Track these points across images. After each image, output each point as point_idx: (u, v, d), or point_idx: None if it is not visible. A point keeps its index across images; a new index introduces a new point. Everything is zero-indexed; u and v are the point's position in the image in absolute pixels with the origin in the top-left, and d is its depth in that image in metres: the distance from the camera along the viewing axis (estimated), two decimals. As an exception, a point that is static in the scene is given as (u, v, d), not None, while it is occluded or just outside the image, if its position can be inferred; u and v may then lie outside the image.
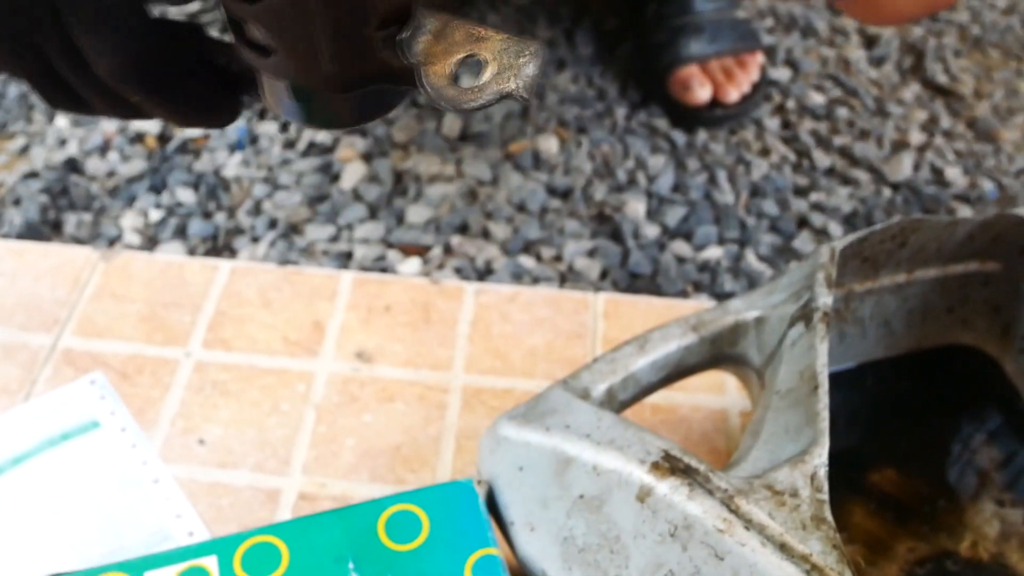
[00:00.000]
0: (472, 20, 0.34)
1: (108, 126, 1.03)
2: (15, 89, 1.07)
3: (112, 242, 0.91)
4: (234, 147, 1.00)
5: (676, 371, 0.64)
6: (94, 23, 0.40)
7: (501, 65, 0.32)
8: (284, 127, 1.02)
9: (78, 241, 0.91)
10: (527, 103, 0.32)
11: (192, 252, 0.90)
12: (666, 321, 0.63)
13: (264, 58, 0.37)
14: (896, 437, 0.71)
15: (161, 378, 0.74)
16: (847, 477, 0.67)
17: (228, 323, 0.78)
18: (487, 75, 0.32)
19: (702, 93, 1.02)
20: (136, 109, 0.45)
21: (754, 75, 1.05)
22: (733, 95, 1.02)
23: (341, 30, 0.34)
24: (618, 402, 0.61)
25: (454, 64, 0.33)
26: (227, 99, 0.46)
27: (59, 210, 0.94)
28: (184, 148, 1.00)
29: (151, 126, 1.02)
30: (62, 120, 1.04)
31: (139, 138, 1.02)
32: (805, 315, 0.59)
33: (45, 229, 0.92)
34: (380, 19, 0.34)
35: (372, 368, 0.75)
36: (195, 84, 0.43)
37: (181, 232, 0.92)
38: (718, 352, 0.64)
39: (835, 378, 0.72)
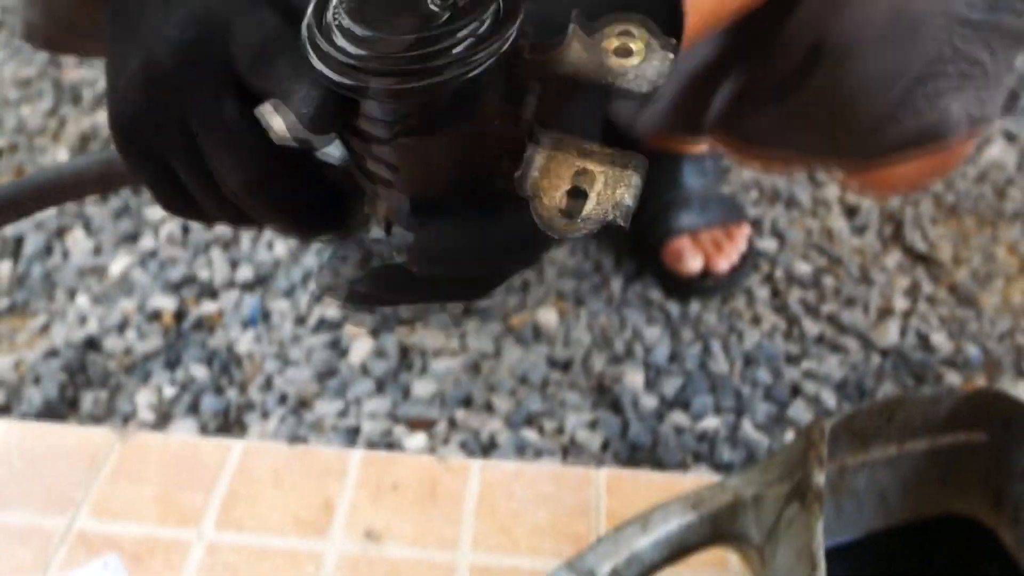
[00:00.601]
0: (575, 143, 0.37)
1: (127, 304, 1.07)
2: (39, 267, 1.12)
3: (127, 419, 0.94)
4: (247, 323, 1.04)
5: (678, 549, 0.65)
6: (226, 143, 0.43)
7: (601, 197, 0.36)
8: (296, 303, 1.07)
9: (94, 418, 0.94)
10: (626, 226, 0.36)
11: (204, 428, 0.93)
12: (667, 496, 0.66)
13: (387, 187, 0.40)
14: (898, 610, 0.72)
15: (173, 561, 0.75)
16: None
17: (240, 503, 0.80)
18: (589, 206, 0.35)
19: (694, 263, 1.06)
20: (253, 218, 0.47)
21: (742, 246, 1.10)
22: (723, 265, 1.07)
23: (460, 165, 0.38)
24: (623, 583, 0.63)
25: (560, 198, 0.36)
26: (341, 210, 0.49)
27: (77, 387, 0.98)
28: (199, 324, 1.04)
29: (168, 304, 1.06)
30: (83, 298, 1.08)
31: (156, 315, 1.06)
32: (799, 494, 0.61)
33: (62, 407, 0.95)
34: (492, 153, 0.38)
35: (381, 547, 0.76)
36: (313, 197, 0.46)
37: (194, 408, 0.95)
38: (718, 530, 0.66)
39: (836, 550, 0.73)
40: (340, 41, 0.36)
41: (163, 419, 0.94)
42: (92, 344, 1.02)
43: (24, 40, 0.91)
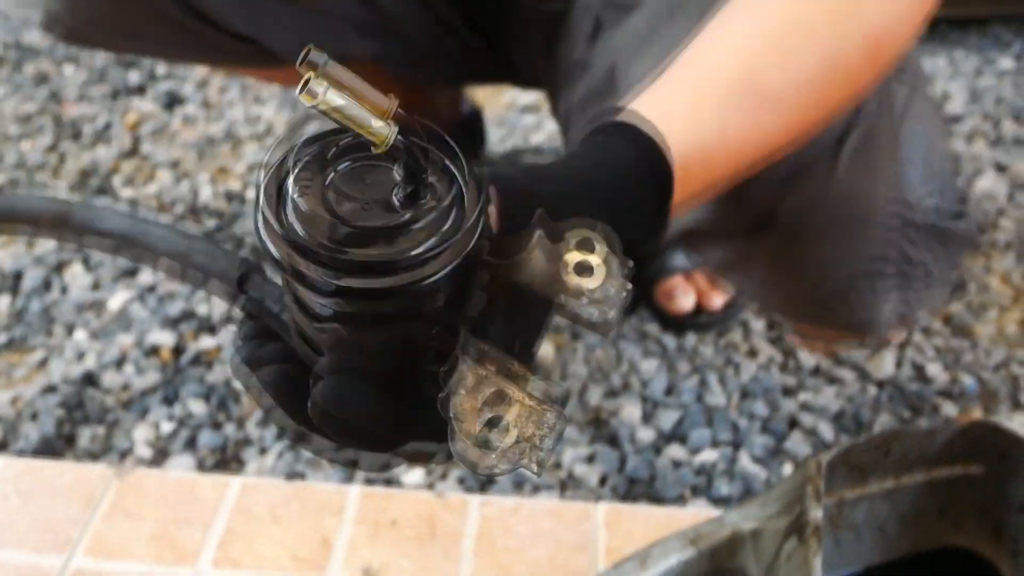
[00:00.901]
0: (504, 378, 0.35)
1: (125, 339, 1.07)
2: (37, 303, 1.12)
3: (124, 455, 0.94)
4: (244, 358, 1.04)
5: (677, 585, 0.65)
6: None
7: (521, 433, 0.34)
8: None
9: (91, 455, 0.94)
10: (537, 475, 0.34)
11: (201, 464, 0.92)
12: (666, 531, 0.66)
13: (316, 355, 0.38)
14: (899, 645, 0.72)
15: (171, 598, 0.75)
16: None
17: (237, 540, 0.80)
18: (507, 442, 0.34)
19: (685, 302, 1.07)
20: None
21: (737, 281, 1.11)
22: (717, 302, 1.07)
23: (392, 361, 0.37)
24: (622, 619, 0.63)
25: (480, 424, 0.34)
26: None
27: (74, 423, 0.97)
28: (197, 360, 1.04)
29: (166, 340, 1.06)
30: (81, 333, 1.08)
31: (154, 351, 1.06)
32: (798, 529, 0.61)
33: (59, 444, 0.95)
34: (424, 356, 0.37)
35: (379, 583, 0.76)
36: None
37: (191, 444, 0.95)
38: (717, 565, 0.66)
39: (834, 584, 0.73)
40: (292, 218, 0.34)
41: (160, 455, 0.94)
42: (90, 380, 1.02)
43: (45, 31, 0.93)
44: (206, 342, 1.07)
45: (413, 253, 0.34)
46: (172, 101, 1.51)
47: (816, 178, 0.70)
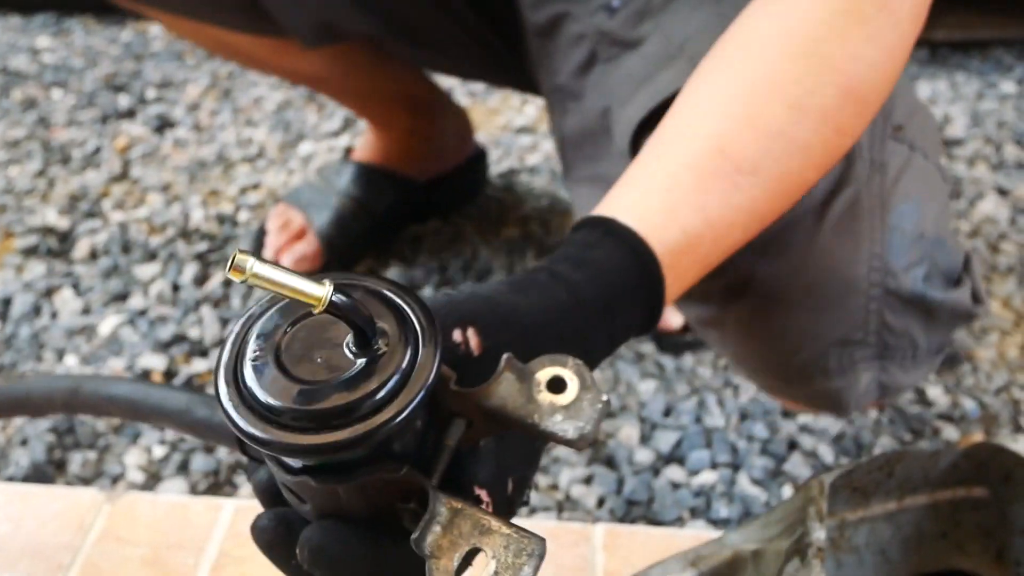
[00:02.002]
0: (480, 509, 0.35)
1: (116, 363, 1.06)
2: (27, 328, 1.11)
3: (115, 480, 0.93)
4: (238, 382, 1.03)
5: (678, 608, 0.64)
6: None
7: (501, 564, 0.34)
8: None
9: (82, 480, 0.93)
10: None
11: (194, 488, 0.91)
12: (665, 552, 0.65)
13: (302, 504, 0.39)
14: (903, 669, 0.71)
15: (162, 625, 0.73)
16: None
17: (231, 565, 0.78)
18: (487, 573, 0.33)
19: (675, 319, 1.06)
20: None
21: (733, 300, 1.10)
22: None
23: (368, 500, 0.37)
24: (622, 644, 0.61)
25: (458, 559, 0.34)
26: None
27: (64, 449, 0.96)
28: (189, 383, 1.03)
29: (158, 363, 1.05)
30: (71, 358, 1.07)
31: (146, 375, 1.05)
32: (799, 550, 0.60)
33: (50, 469, 0.94)
34: (400, 495, 0.37)
35: (374, 608, 0.75)
36: None
37: (184, 468, 0.94)
38: (718, 588, 0.65)
39: (837, 607, 0.72)
40: (252, 381, 0.35)
41: (152, 480, 0.93)
42: (81, 404, 1.01)
43: None
44: (198, 365, 1.06)
45: (372, 399, 0.34)
46: (162, 124, 1.51)
47: (795, 244, 0.67)
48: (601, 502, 0.89)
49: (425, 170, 1.22)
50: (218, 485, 0.92)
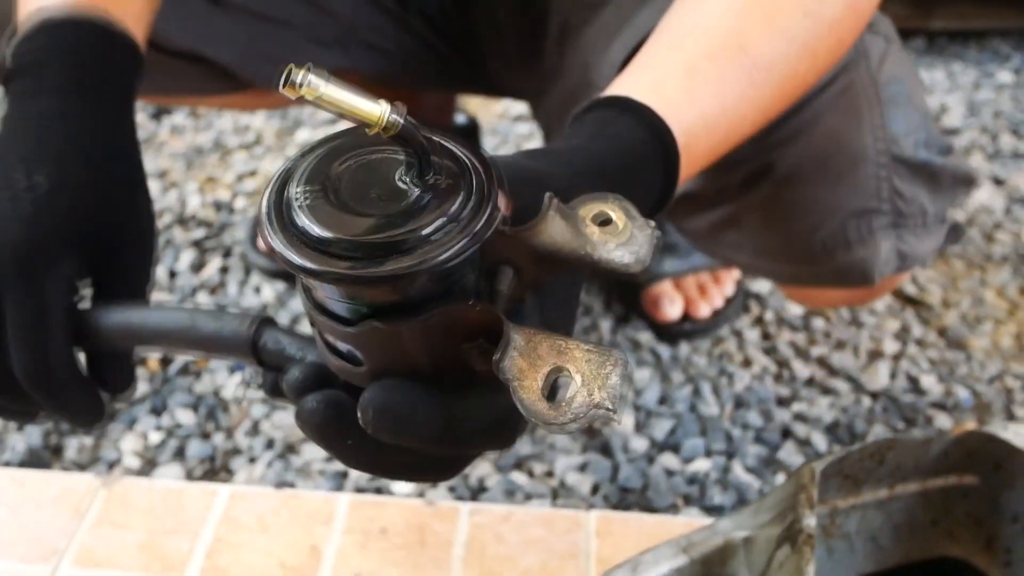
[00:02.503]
0: (554, 334, 0.34)
1: (113, 350, 1.06)
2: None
3: (112, 465, 0.93)
4: (234, 368, 1.04)
5: (669, 594, 0.64)
6: (24, 327, 0.46)
7: (586, 377, 0.32)
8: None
9: (79, 466, 0.93)
10: (614, 418, 0.32)
11: (190, 474, 0.92)
12: (657, 539, 0.65)
13: (355, 368, 0.37)
14: (892, 655, 0.71)
15: (157, 609, 0.74)
16: None
17: (226, 550, 0.79)
18: (574, 389, 0.32)
19: (672, 311, 1.06)
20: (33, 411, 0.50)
21: (728, 290, 1.10)
22: (704, 311, 1.07)
23: (434, 346, 0.35)
24: (614, 627, 0.62)
25: (542, 379, 0.33)
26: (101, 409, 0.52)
27: (61, 435, 0.96)
28: (186, 370, 1.04)
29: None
30: (68, 344, 1.07)
31: (141, 361, 1.05)
32: (790, 537, 0.60)
33: (46, 455, 0.94)
34: (467, 334, 0.35)
35: (368, 593, 0.75)
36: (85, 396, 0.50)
37: (180, 454, 0.94)
38: (709, 573, 0.65)
39: (827, 594, 0.73)
40: (302, 220, 0.33)
41: (148, 465, 0.93)
42: (78, 389, 1.01)
43: None
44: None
45: (432, 228, 0.33)
46: (159, 111, 1.50)
47: (803, 128, 0.70)
48: (595, 489, 0.90)
49: None
50: (214, 471, 0.92)
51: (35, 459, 0.93)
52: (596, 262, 0.36)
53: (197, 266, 1.19)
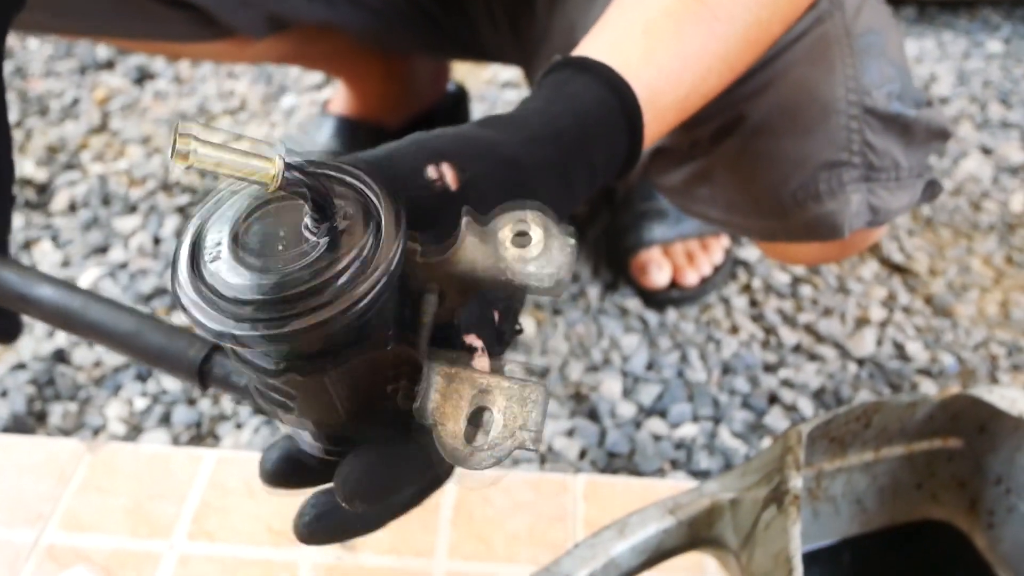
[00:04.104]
0: (474, 369, 0.35)
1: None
2: (7, 281, 1.10)
3: (97, 432, 0.92)
4: (220, 335, 1.03)
5: (656, 555, 0.65)
6: None
7: (508, 415, 0.33)
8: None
9: (63, 432, 0.92)
10: (534, 451, 0.33)
11: (176, 440, 0.91)
12: (645, 502, 0.65)
13: (287, 413, 0.37)
14: (876, 615, 0.72)
15: (145, 573, 0.74)
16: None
17: (213, 514, 0.78)
18: (496, 429, 0.33)
19: (659, 277, 1.06)
20: None
21: (717, 257, 1.10)
22: (692, 278, 1.07)
23: (359, 389, 0.36)
24: (600, 588, 0.62)
25: (463, 421, 0.33)
26: None
27: (45, 401, 0.96)
28: (171, 336, 1.03)
29: (139, 316, 1.05)
30: (52, 311, 1.07)
31: (127, 327, 1.04)
32: (777, 498, 0.60)
33: (30, 420, 0.94)
34: (391, 375, 0.36)
35: (356, 555, 0.75)
36: None
37: (166, 420, 0.94)
38: (695, 535, 0.65)
39: (813, 555, 0.73)
40: (213, 276, 0.33)
41: (134, 431, 0.93)
42: (60, 357, 1.01)
43: None
44: (179, 319, 1.05)
45: (341, 278, 0.32)
46: (142, 76, 1.49)
47: (775, 79, 0.70)
48: (583, 454, 0.90)
49: (404, 113, 1.21)
50: (200, 437, 0.92)
51: (19, 425, 0.93)
52: (515, 285, 0.36)
53: (182, 232, 1.18)
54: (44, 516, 0.78)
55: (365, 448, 0.36)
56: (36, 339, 1.03)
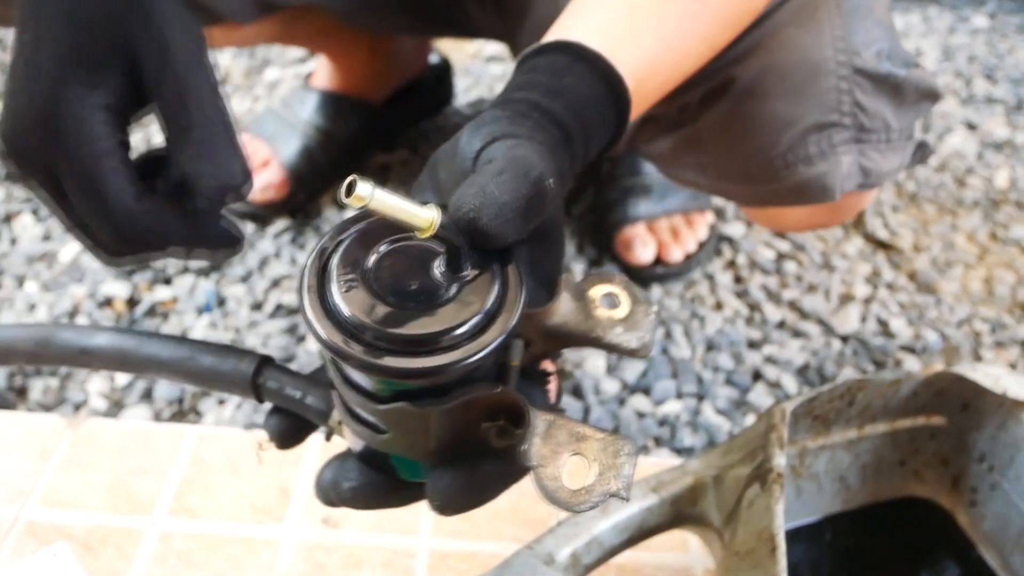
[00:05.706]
0: (572, 419, 0.37)
1: (77, 290, 1.05)
2: (-14, 255, 1.09)
3: (78, 407, 0.92)
4: (202, 310, 1.02)
5: (639, 532, 0.65)
6: (87, 174, 0.42)
7: (603, 465, 0.36)
8: (252, 289, 1.05)
9: (44, 407, 0.92)
10: (626, 499, 0.36)
11: (158, 416, 0.91)
12: (628, 481, 0.65)
13: (377, 435, 0.39)
14: (857, 591, 0.72)
15: (126, 550, 0.73)
16: (811, 635, 0.68)
17: (194, 490, 0.78)
18: (592, 476, 0.36)
19: (644, 254, 1.06)
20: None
21: (701, 234, 1.10)
22: (676, 255, 1.06)
23: (457, 424, 0.38)
24: (583, 566, 0.62)
25: (563, 466, 0.36)
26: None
27: (25, 376, 0.95)
28: (152, 311, 1.02)
29: (120, 291, 1.04)
30: (32, 284, 1.06)
31: (108, 302, 1.03)
32: (760, 476, 0.61)
33: (11, 396, 0.93)
34: (489, 414, 0.38)
35: (338, 533, 0.75)
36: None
37: (147, 396, 0.93)
38: (679, 512, 0.65)
39: (796, 532, 0.73)
40: (339, 300, 0.35)
41: (116, 407, 0.92)
42: (42, 331, 0.99)
43: None
44: (161, 293, 1.04)
45: (468, 326, 0.35)
46: (128, 48, 1.46)
47: (763, 42, 0.70)
48: (566, 431, 0.90)
49: (387, 87, 1.20)
50: (182, 413, 0.91)
51: (-1, 401, 0.92)
52: (606, 344, 0.41)
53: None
54: (24, 492, 0.77)
55: (458, 465, 0.39)
56: (17, 314, 1.02)
